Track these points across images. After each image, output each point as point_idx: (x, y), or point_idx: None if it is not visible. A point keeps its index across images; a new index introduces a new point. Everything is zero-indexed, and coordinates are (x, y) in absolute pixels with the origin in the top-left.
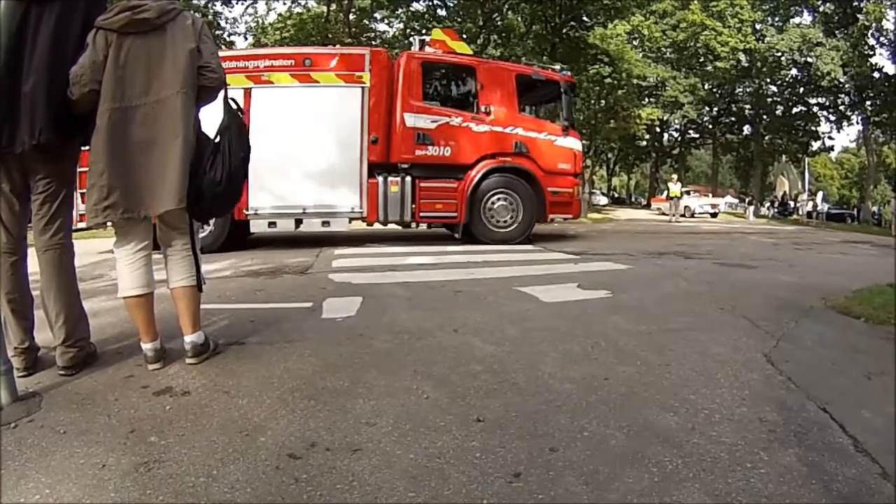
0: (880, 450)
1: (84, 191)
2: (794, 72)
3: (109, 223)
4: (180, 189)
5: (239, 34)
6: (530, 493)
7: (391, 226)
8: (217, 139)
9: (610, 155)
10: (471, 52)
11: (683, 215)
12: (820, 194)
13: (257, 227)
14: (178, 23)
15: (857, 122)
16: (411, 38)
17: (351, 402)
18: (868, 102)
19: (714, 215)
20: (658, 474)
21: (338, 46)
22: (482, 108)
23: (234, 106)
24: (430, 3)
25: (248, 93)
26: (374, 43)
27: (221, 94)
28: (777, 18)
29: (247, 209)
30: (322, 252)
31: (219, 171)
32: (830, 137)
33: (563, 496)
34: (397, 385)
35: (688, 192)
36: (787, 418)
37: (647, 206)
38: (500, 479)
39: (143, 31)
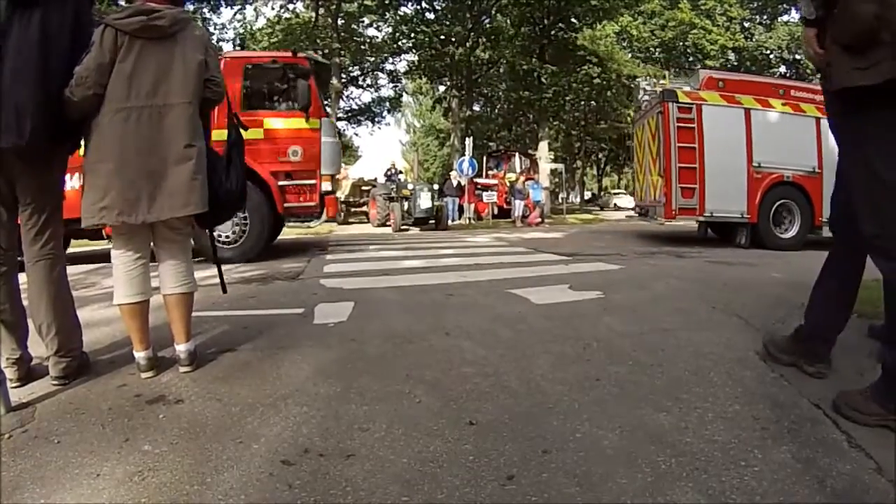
0: (874, 445)
1: None
2: (782, 69)
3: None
4: (201, 196)
5: (227, 40)
6: (523, 495)
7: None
8: (228, 153)
9: (601, 155)
10: None
11: None
12: None
13: (829, 233)
14: (187, 32)
15: None
16: (400, 43)
17: (343, 407)
18: None
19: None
20: (651, 474)
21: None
22: None
23: (236, 121)
24: (419, 7)
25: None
26: (363, 48)
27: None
28: (765, 16)
29: (822, 217)
30: (313, 258)
31: (234, 182)
32: None
33: (557, 498)
34: (389, 390)
35: None
36: (781, 415)
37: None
38: (493, 482)
39: (155, 38)
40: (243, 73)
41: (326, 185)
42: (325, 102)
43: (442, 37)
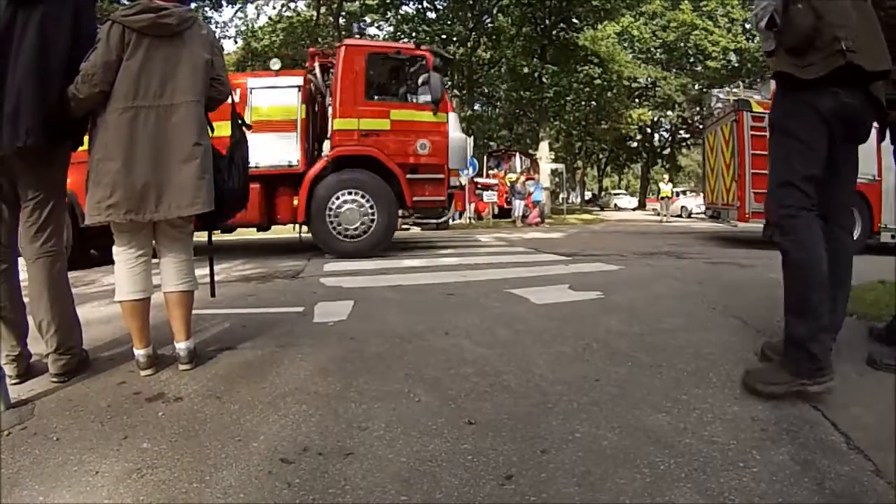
0: (872, 446)
1: None
2: None
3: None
4: (208, 194)
5: (229, 37)
6: (522, 495)
7: None
8: (230, 152)
9: (601, 156)
10: None
11: (680, 215)
12: None
13: (886, 238)
14: (193, 31)
15: None
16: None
17: (343, 406)
18: None
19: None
20: (650, 475)
21: None
22: None
23: (240, 121)
24: (420, 7)
25: None
26: None
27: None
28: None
29: (880, 222)
30: (313, 256)
31: (236, 181)
32: None
33: (555, 498)
34: (389, 388)
35: (683, 193)
36: (779, 416)
37: (642, 207)
38: (491, 482)
39: (163, 36)
40: (365, 61)
41: (454, 180)
42: None
43: (443, 36)
